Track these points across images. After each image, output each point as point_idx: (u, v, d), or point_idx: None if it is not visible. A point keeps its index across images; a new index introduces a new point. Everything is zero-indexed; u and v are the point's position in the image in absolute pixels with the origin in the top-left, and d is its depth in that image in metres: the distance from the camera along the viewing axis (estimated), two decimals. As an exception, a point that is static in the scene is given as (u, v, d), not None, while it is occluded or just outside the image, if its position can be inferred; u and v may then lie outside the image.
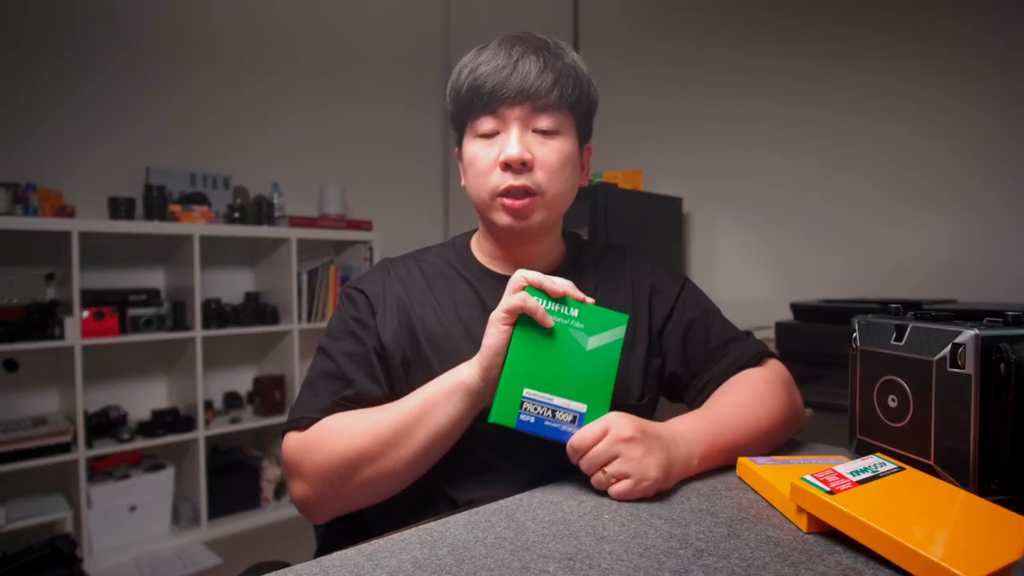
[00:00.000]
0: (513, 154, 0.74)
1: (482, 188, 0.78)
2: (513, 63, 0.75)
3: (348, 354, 0.78)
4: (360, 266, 2.98)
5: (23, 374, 2.28)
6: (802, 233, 2.36)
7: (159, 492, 2.45)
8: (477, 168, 0.78)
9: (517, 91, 0.74)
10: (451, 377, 0.70)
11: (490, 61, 0.76)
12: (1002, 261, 1.92)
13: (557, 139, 0.77)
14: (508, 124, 0.76)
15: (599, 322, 0.69)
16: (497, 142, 0.77)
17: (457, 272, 0.85)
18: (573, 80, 0.77)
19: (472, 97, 0.76)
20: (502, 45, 0.77)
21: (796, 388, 0.85)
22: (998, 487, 0.59)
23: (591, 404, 0.68)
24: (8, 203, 2.14)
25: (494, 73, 0.75)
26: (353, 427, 0.70)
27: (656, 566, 0.49)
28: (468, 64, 0.78)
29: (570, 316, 0.69)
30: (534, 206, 0.77)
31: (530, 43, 0.77)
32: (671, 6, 2.78)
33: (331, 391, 0.76)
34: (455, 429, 0.69)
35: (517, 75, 0.74)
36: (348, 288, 0.85)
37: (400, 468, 0.69)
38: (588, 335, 0.69)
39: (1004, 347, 0.58)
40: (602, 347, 0.69)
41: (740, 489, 0.66)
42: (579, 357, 0.68)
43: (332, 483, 0.70)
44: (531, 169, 0.75)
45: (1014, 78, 1.89)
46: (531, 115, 0.76)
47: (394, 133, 3.38)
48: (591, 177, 2.41)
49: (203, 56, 2.79)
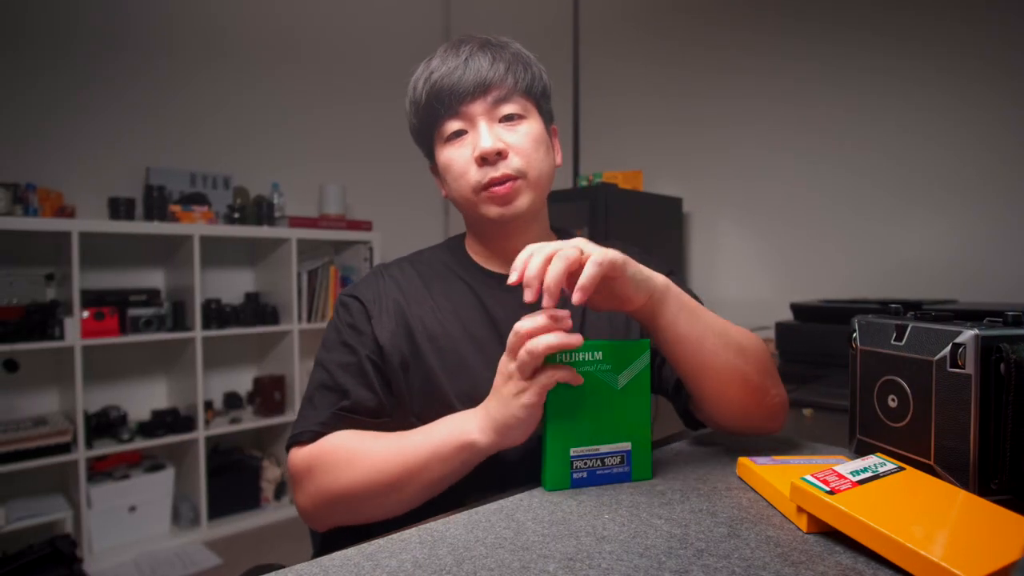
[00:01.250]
0: (487, 146, 0.74)
1: (464, 188, 0.78)
2: (463, 62, 0.76)
3: (342, 365, 0.78)
4: (360, 266, 2.98)
5: (23, 374, 2.28)
6: (802, 233, 2.36)
7: (159, 492, 2.45)
8: (455, 171, 0.78)
9: (475, 85, 0.75)
10: (460, 436, 0.67)
11: (441, 66, 0.77)
12: (1002, 261, 1.92)
13: (524, 123, 0.78)
14: (474, 120, 0.77)
15: (623, 357, 0.67)
16: (467, 141, 0.77)
17: (454, 272, 0.85)
18: (523, 65, 0.79)
19: (433, 103, 0.77)
20: (448, 50, 0.79)
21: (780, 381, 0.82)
22: (998, 487, 0.59)
23: (635, 439, 0.68)
24: (8, 203, 2.15)
25: (448, 75, 0.76)
26: (357, 459, 0.70)
27: (656, 566, 0.49)
28: (420, 76, 0.79)
29: (596, 361, 0.67)
30: (518, 189, 0.77)
31: (473, 41, 0.79)
32: (671, 6, 2.78)
33: (329, 403, 0.76)
34: (458, 477, 0.69)
35: (470, 71, 0.76)
36: (342, 296, 0.85)
37: (402, 504, 0.70)
38: (617, 374, 0.67)
39: (1004, 347, 0.58)
40: (632, 381, 0.68)
41: (740, 489, 0.66)
42: (613, 399, 0.67)
43: (334, 508, 0.72)
44: (506, 157, 0.76)
45: (1014, 78, 1.89)
46: (493, 107, 0.77)
47: (394, 133, 3.35)
48: (591, 178, 2.41)
49: (203, 56, 2.79)
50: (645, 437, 0.68)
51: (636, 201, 2.38)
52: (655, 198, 2.49)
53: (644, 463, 0.69)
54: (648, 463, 0.70)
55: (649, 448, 0.70)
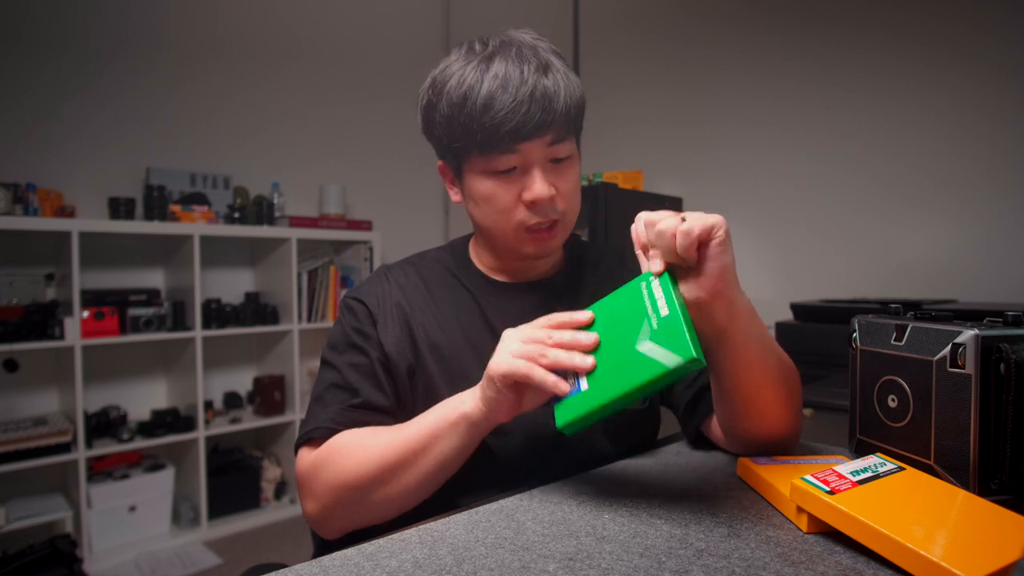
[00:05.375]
0: (543, 195, 0.73)
1: (505, 224, 0.76)
2: (528, 95, 0.69)
3: (353, 365, 0.78)
4: (360, 266, 2.98)
5: (23, 374, 2.28)
6: (802, 233, 2.36)
7: (159, 492, 2.45)
8: (497, 206, 0.75)
9: (537, 126, 0.70)
10: (453, 410, 0.67)
11: (502, 91, 0.69)
12: (1002, 261, 1.92)
13: (572, 167, 0.77)
14: (529, 161, 0.73)
15: (671, 336, 0.56)
16: (515, 179, 0.74)
17: (457, 280, 0.85)
18: (579, 98, 0.75)
19: (489, 137, 0.71)
20: (509, 67, 0.70)
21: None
22: (998, 487, 0.59)
23: (593, 390, 0.59)
24: (8, 203, 2.14)
25: (512, 110, 0.69)
26: (361, 450, 0.70)
27: (656, 566, 0.49)
28: (471, 91, 0.70)
29: (656, 308, 0.59)
30: (558, 232, 0.77)
31: (530, 60, 0.71)
32: (671, 6, 2.78)
33: (339, 401, 0.76)
34: (460, 457, 0.69)
35: (535, 108, 0.70)
36: (347, 298, 0.84)
37: (408, 493, 0.69)
38: (650, 337, 0.58)
39: (1004, 347, 0.58)
40: (648, 358, 0.57)
41: (740, 489, 0.66)
42: (621, 346, 0.60)
43: (342, 503, 0.71)
44: (553, 203, 0.75)
45: (1014, 78, 1.89)
46: (549, 148, 0.73)
47: (394, 133, 3.38)
48: (590, 178, 2.41)
49: (203, 56, 2.79)
50: (595, 399, 0.58)
51: (636, 201, 2.37)
52: (655, 198, 2.49)
53: (570, 412, 0.59)
54: (571, 417, 0.59)
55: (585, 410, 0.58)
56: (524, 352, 0.61)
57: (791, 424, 0.73)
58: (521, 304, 0.82)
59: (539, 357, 0.61)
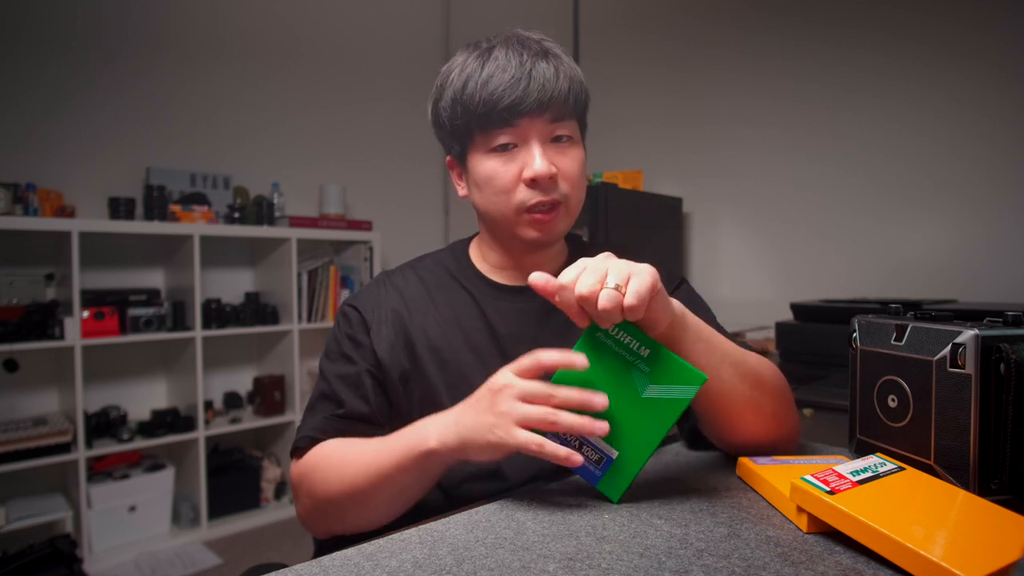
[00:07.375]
0: (542, 171, 0.72)
1: (505, 206, 0.75)
2: (527, 73, 0.71)
3: (340, 376, 0.79)
4: (360, 266, 2.98)
5: (23, 374, 2.28)
6: (802, 233, 2.36)
7: (159, 492, 2.45)
8: (497, 186, 0.75)
9: (537, 102, 0.71)
10: (417, 445, 0.64)
11: (500, 72, 0.71)
12: (1002, 261, 1.92)
13: (574, 147, 0.77)
14: (528, 138, 0.74)
15: (669, 373, 0.59)
16: (516, 156, 0.74)
17: (457, 282, 0.84)
18: (579, 83, 0.76)
19: (488, 111, 0.72)
20: (503, 49, 0.73)
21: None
22: (998, 487, 0.59)
23: (626, 455, 0.61)
24: (8, 203, 2.14)
25: (510, 86, 0.71)
26: (333, 470, 0.71)
27: (656, 566, 0.49)
28: (473, 75, 0.73)
29: (638, 354, 0.60)
30: (560, 216, 0.76)
31: (531, 47, 0.74)
32: (671, 6, 2.78)
33: (325, 410, 0.78)
34: (429, 485, 0.69)
35: (534, 85, 0.71)
36: (343, 305, 0.85)
37: (378, 515, 0.70)
38: (649, 382, 0.60)
39: (1004, 347, 0.58)
40: (660, 400, 0.60)
41: (740, 489, 0.66)
42: (628, 401, 0.61)
43: (323, 513, 0.73)
44: (555, 182, 0.74)
45: (1014, 78, 1.89)
46: (549, 125, 0.74)
47: (394, 133, 3.38)
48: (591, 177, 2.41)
49: (203, 56, 2.79)
50: (636, 462, 0.61)
51: (636, 201, 2.37)
52: (655, 198, 2.49)
53: (619, 484, 0.62)
54: (623, 488, 0.62)
55: (633, 475, 0.62)
56: (529, 418, 0.58)
57: (770, 429, 0.72)
58: (522, 305, 0.81)
59: (548, 425, 0.58)
